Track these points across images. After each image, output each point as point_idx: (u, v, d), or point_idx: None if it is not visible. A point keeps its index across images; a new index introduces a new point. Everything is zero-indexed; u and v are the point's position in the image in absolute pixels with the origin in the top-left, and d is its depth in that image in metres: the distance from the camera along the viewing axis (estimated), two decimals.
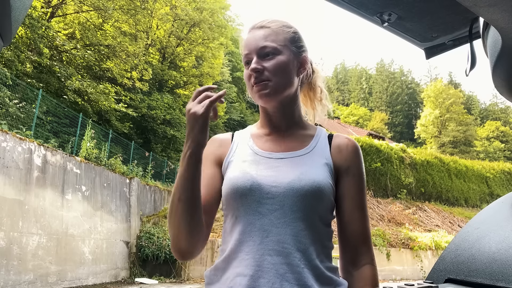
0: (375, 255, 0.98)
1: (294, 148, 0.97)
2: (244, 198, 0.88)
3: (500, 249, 0.88)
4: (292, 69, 0.96)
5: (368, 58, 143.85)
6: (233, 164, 0.96)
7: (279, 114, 0.99)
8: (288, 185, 0.87)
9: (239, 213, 0.89)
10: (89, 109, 14.11)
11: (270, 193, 0.87)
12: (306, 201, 0.86)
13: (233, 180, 0.90)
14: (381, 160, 20.63)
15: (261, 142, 1.00)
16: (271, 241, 0.84)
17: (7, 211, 7.12)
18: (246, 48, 0.96)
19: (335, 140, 1.01)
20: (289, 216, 0.86)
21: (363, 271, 0.91)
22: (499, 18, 0.74)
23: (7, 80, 9.30)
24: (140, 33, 17.36)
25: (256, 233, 0.85)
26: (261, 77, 0.92)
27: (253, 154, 0.96)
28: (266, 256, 0.83)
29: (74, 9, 14.91)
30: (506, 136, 49.92)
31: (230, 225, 0.91)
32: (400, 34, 1.22)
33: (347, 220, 0.94)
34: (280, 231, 0.85)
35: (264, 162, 0.93)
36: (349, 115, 59.18)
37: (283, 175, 0.89)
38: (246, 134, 1.04)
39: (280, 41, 0.95)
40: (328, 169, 0.93)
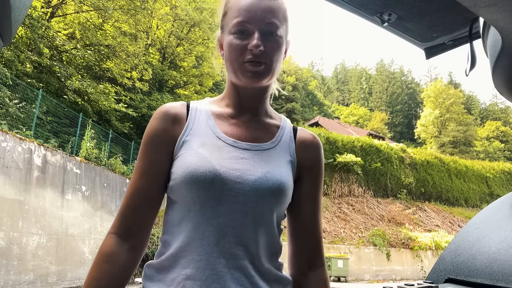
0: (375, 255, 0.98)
1: (260, 139, 0.88)
2: (203, 191, 0.77)
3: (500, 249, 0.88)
4: (283, 54, 0.89)
5: (368, 58, 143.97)
6: (189, 146, 0.83)
7: (252, 97, 0.90)
8: (253, 184, 0.79)
9: (193, 206, 0.79)
10: (89, 109, 14.11)
11: (233, 190, 0.78)
12: (269, 203, 0.80)
13: (192, 168, 0.78)
14: (381, 160, 20.64)
15: (224, 124, 0.88)
16: (227, 243, 0.77)
17: (7, 211, 7.12)
18: (245, 15, 0.82)
19: (300, 135, 0.94)
20: (249, 218, 0.79)
21: (320, 274, 0.90)
22: (499, 18, 0.74)
23: (7, 80, 9.30)
24: (140, 33, 17.35)
25: (212, 233, 0.77)
26: (259, 57, 0.82)
27: (215, 138, 0.85)
28: (221, 258, 0.76)
29: (74, 9, 14.91)
30: (506, 136, 49.92)
31: (179, 217, 0.81)
32: (400, 34, 1.22)
33: (307, 221, 0.91)
34: (237, 233, 0.78)
35: (227, 150, 0.83)
36: (349, 115, 59.18)
37: (249, 171, 0.81)
38: (205, 110, 0.90)
39: (282, 20, 0.86)
40: (291, 167, 0.88)
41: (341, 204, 18.07)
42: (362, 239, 15.14)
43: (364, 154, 20.31)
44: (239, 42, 0.83)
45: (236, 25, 0.83)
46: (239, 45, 0.82)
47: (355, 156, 19.33)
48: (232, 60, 0.84)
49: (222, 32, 0.90)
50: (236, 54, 0.83)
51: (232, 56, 0.84)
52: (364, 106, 65.18)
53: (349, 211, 17.72)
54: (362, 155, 20.16)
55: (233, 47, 0.83)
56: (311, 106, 51.38)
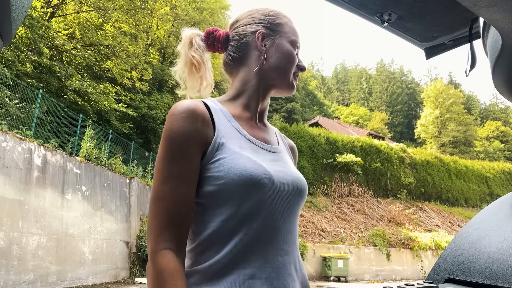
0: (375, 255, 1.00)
1: (271, 141, 0.95)
2: (260, 192, 0.77)
3: (500, 249, 0.88)
4: None
5: (368, 58, 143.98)
6: (229, 149, 0.80)
7: (267, 104, 0.99)
8: (293, 184, 0.86)
9: (247, 209, 0.77)
10: (89, 109, 14.12)
11: (282, 190, 0.83)
12: (301, 200, 0.88)
13: (249, 171, 0.77)
14: (381, 160, 20.64)
15: (245, 126, 0.89)
16: (280, 241, 0.82)
17: (7, 211, 7.12)
18: (297, 36, 0.99)
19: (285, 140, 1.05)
20: (292, 215, 0.86)
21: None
22: (499, 18, 0.74)
23: (7, 80, 9.30)
24: (140, 33, 17.36)
25: (267, 232, 0.79)
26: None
27: (246, 140, 0.85)
28: (277, 256, 0.80)
29: (74, 9, 14.92)
30: (506, 136, 49.95)
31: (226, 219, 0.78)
32: (400, 34, 1.22)
33: None
34: (286, 230, 0.84)
35: (262, 153, 0.86)
36: (349, 115, 59.20)
37: (288, 171, 0.87)
38: (222, 109, 0.88)
39: None
40: None
41: (341, 204, 18.08)
42: (362, 239, 15.14)
43: (364, 154, 20.31)
44: (295, 56, 0.96)
45: (293, 42, 0.96)
46: (295, 57, 0.95)
47: (355, 156, 19.33)
48: (283, 67, 0.93)
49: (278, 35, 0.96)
50: (291, 65, 0.94)
51: (286, 65, 0.94)
52: (364, 106, 65.20)
53: (349, 211, 17.72)
54: (362, 155, 20.16)
55: (291, 58, 0.94)
56: (311, 106, 51.37)
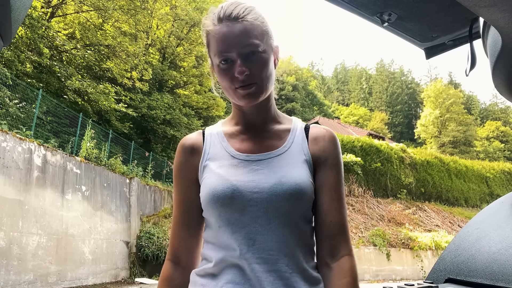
0: (375, 255, 0.98)
1: (272, 146, 0.93)
2: (227, 207, 0.85)
3: (500, 249, 0.88)
4: (272, 64, 0.93)
5: (368, 58, 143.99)
6: (209, 170, 0.91)
7: (256, 111, 0.95)
8: (269, 191, 0.84)
9: (221, 223, 0.86)
10: (89, 109, 14.11)
11: (253, 200, 0.84)
12: (289, 205, 0.85)
13: (212, 189, 0.86)
14: (381, 160, 20.63)
15: (236, 142, 0.95)
16: (257, 249, 0.83)
17: (7, 211, 7.12)
18: (223, 44, 0.86)
19: (312, 131, 0.97)
20: (273, 222, 0.84)
21: (342, 263, 0.88)
22: (499, 18, 0.74)
23: (7, 80, 9.30)
24: (140, 33, 17.35)
25: (242, 242, 0.84)
26: (248, 80, 0.86)
27: (230, 157, 0.92)
28: (254, 265, 0.82)
29: (74, 9, 14.91)
30: (506, 136, 49.95)
31: (214, 234, 0.89)
32: (400, 34, 1.22)
33: (325, 211, 0.91)
34: (265, 239, 0.84)
35: (242, 165, 0.90)
36: (349, 115, 59.19)
37: (264, 179, 0.86)
38: (218, 132, 0.98)
39: (260, 36, 0.88)
40: (307, 166, 0.91)
41: None
42: (362, 239, 15.14)
43: (364, 154, 20.30)
44: (226, 71, 0.87)
45: (218, 56, 0.87)
46: (227, 73, 0.87)
47: (355, 156, 19.33)
48: (226, 88, 0.90)
49: (212, 62, 0.94)
50: (227, 83, 0.88)
51: (224, 85, 0.90)
52: (364, 106, 65.18)
53: (349, 211, 17.71)
54: (362, 155, 20.15)
55: (222, 77, 0.89)
56: (311, 106, 51.38)
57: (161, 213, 13.91)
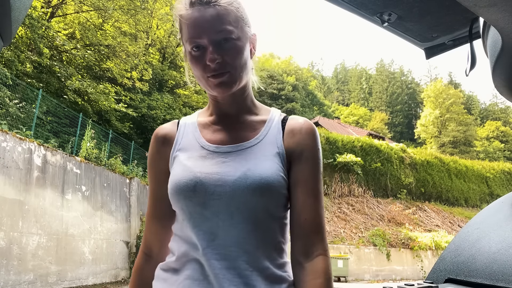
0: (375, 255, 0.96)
1: (244, 138, 0.89)
2: (188, 200, 0.82)
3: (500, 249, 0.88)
4: (248, 53, 0.88)
5: (368, 58, 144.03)
6: (178, 161, 0.89)
7: (230, 101, 0.91)
8: (233, 184, 0.80)
9: (184, 216, 0.84)
10: (89, 109, 14.11)
11: (215, 194, 0.80)
12: (254, 200, 0.80)
13: (176, 180, 0.84)
14: (381, 160, 20.64)
15: (208, 132, 0.92)
16: (217, 245, 0.80)
17: (7, 211, 7.12)
18: (195, 30, 0.81)
19: (289, 123, 0.91)
20: (236, 218, 0.80)
21: (316, 263, 0.82)
22: (499, 18, 0.74)
23: (7, 80, 9.30)
24: (140, 33, 17.35)
25: (203, 237, 0.81)
26: (220, 69, 0.82)
27: (200, 148, 0.89)
28: (213, 261, 0.79)
29: (74, 9, 14.91)
30: (506, 136, 49.95)
31: (179, 226, 0.88)
32: (400, 34, 1.22)
33: (299, 208, 0.86)
34: (226, 234, 0.80)
35: (210, 157, 0.86)
36: (349, 115, 59.19)
37: (229, 172, 0.82)
38: (193, 122, 0.96)
39: (234, 22, 0.83)
40: (279, 160, 0.85)
41: (341, 204, 18.08)
42: (362, 239, 15.14)
43: (364, 154, 20.31)
44: (198, 59, 0.83)
45: (189, 43, 0.83)
46: (198, 61, 0.83)
47: (355, 156, 19.33)
48: (198, 76, 0.86)
49: (184, 49, 0.90)
50: (199, 71, 0.84)
51: (197, 73, 0.85)
52: (364, 106, 65.19)
53: (349, 211, 17.72)
54: (362, 155, 20.16)
55: (194, 65, 0.84)
56: (311, 106, 51.38)
57: None
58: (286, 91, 43.19)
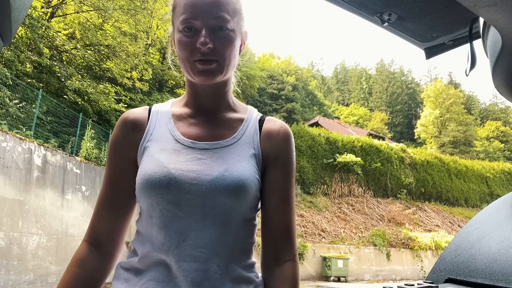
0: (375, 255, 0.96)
1: (221, 135, 0.86)
2: (160, 196, 0.77)
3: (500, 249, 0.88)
4: (238, 47, 0.86)
5: (368, 58, 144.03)
6: (149, 152, 0.83)
7: (210, 94, 0.88)
8: (210, 184, 0.78)
9: (153, 212, 0.79)
10: (89, 109, 14.11)
11: (190, 192, 0.77)
12: (229, 202, 0.78)
13: (148, 175, 0.79)
14: (381, 160, 20.64)
15: (184, 125, 0.88)
16: (188, 246, 0.77)
17: (7, 211, 7.12)
18: (191, 11, 0.79)
19: (266, 125, 0.90)
20: (209, 219, 0.78)
21: (284, 269, 0.83)
22: (499, 18, 0.74)
23: (7, 80, 9.30)
24: (140, 33, 17.35)
25: (173, 237, 0.77)
26: (209, 55, 0.79)
27: (173, 141, 0.84)
28: (182, 262, 0.76)
29: (74, 9, 14.91)
30: (506, 136, 49.96)
31: (144, 224, 0.83)
32: (400, 34, 1.22)
33: (271, 213, 0.86)
34: (198, 235, 0.77)
35: (185, 152, 0.82)
36: (349, 115, 59.19)
37: (206, 171, 0.79)
38: (166, 112, 0.90)
39: (231, 12, 0.81)
40: (255, 161, 0.85)
41: (341, 204, 18.08)
42: (362, 239, 15.14)
43: (364, 154, 20.31)
44: (188, 40, 0.80)
45: (182, 22, 0.80)
46: (188, 43, 0.80)
47: (355, 156, 19.33)
48: (183, 59, 0.82)
49: (173, 29, 0.87)
50: (186, 53, 0.80)
51: (182, 55, 0.81)
52: (364, 106, 65.19)
53: (349, 211, 17.72)
54: (362, 155, 20.16)
55: (182, 46, 0.81)
56: (311, 106, 51.36)
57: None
58: (286, 91, 43.20)
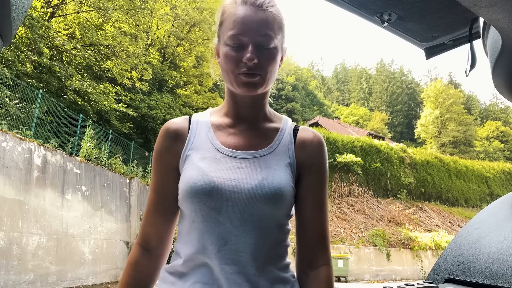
0: (375, 255, 0.98)
1: (258, 145, 0.91)
2: (202, 203, 0.83)
3: (500, 249, 0.88)
4: (278, 63, 0.91)
5: (368, 58, 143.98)
6: (191, 160, 0.88)
7: (249, 105, 0.93)
8: (249, 192, 0.83)
9: (196, 218, 0.85)
10: (89, 109, 14.11)
11: (231, 199, 0.82)
12: (267, 209, 0.83)
13: (191, 182, 0.84)
14: (381, 160, 20.63)
15: (223, 134, 0.93)
16: (229, 250, 0.82)
17: (7, 211, 7.12)
18: (241, 27, 0.84)
19: (300, 134, 0.95)
20: (248, 225, 0.82)
21: (320, 272, 0.89)
22: (499, 18, 0.74)
23: (7, 80, 9.29)
24: (140, 33, 17.34)
25: (214, 241, 0.82)
26: (253, 69, 0.84)
27: (214, 150, 0.89)
28: (223, 265, 0.81)
29: (74, 9, 14.91)
30: (506, 136, 49.94)
31: (187, 228, 0.88)
32: (400, 34, 1.22)
33: (306, 219, 0.91)
34: (238, 240, 0.82)
35: (225, 161, 0.87)
36: (349, 115, 59.19)
37: (245, 179, 0.84)
38: (206, 122, 0.95)
39: (276, 30, 0.87)
40: (290, 170, 0.90)
41: (341, 204, 18.08)
42: (362, 239, 15.14)
43: (364, 154, 20.30)
44: (234, 54, 0.85)
45: (231, 38, 0.85)
46: (234, 57, 0.85)
47: (355, 156, 19.33)
48: (228, 71, 0.87)
49: (219, 42, 0.92)
50: (231, 66, 0.85)
51: (228, 68, 0.86)
52: (364, 106, 65.18)
53: (349, 211, 17.72)
54: (362, 155, 20.16)
55: (228, 59, 0.86)
56: (311, 106, 51.36)
57: None
58: (286, 91, 43.18)
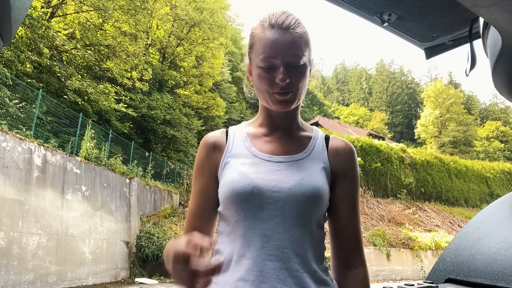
0: (375, 255, 0.99)
1: (293, 150, 0.97)
2: (245, 202, 0.88)
3: (500, 249, 0.88)
4: (308, 76, 0.97)
5: (368, 58, 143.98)
6: (231, 166, 0.95)
7: (283, 116, 1.00)
8: (289, 191, 0.88)
9: (239, 217, 0.89)
10: (89, 109, 14.10)
11: (271, 198, 0.88)
12: (306, 207, 0.88)
13: (233, 184, 0.90)
14: (381, 160, 20.63)
15: (259, 143, 0.99)
16: (272, 247, 0.86)
17: (7, 211, 7.12)
18: (272, 50, 0.90)
19: (332, 143, 1.01)
20: (289, 222, 0.87)
21: (357, 273, 0.95)
22: (499, 18, 0.74)
23: (7, 80, 9.29)
24: (140, 33, 17.34)
25: (257, 238, 0.87)
26: (286, 88, 0.91)
27: (252, 156, 0.96)
28: (267, 261, 0.85)
29: (74, 9, 14.90)
30: (506, 136, 49.94)
31: (229, 228, 0.92)
32: (400, 34, 1.22)
33: (343, 224, 0.97)
34: (280, 237, 0.86)
35: (263, 165, 0.93)
36: (349, 115, 59.20)
37: (284, 180, 0.90)
38: (242, 132, 1.03)
39: (304, 47, 0.93)
40: (325, 174, 0.95)
41: None
42: (362, 239, 15.12)
43: (364, 154, 20.30)
44: (267, 76, 0.91)
45: (262, 60, 0.91)
46: (267, 78, 0.91)
47: None
48: (262, 90, 0.94)
49: (250, 63, 0.99)
50: (266, 86, 0.92)
51: (262, 87, 0.93)
52: (364, 106, 65.19)
53: None
54: (362, 155, 20.15)
55: (261, 80, 0.92)
56: (311, 106, 51.38)
57: (161, 213, 13.90)
58: None
